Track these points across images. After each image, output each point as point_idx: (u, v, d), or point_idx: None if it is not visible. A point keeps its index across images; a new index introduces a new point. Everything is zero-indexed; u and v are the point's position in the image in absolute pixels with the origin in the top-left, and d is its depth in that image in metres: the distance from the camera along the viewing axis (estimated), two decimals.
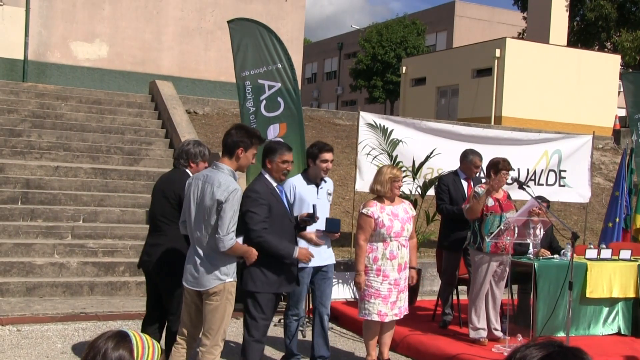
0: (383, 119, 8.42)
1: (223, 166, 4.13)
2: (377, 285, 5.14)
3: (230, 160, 4.17)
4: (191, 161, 4.81)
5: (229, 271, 4.15)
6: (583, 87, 22.81)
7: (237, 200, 4.02)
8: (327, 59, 49.44)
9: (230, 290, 4.17)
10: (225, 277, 4.13)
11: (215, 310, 4.14)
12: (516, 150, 8.71)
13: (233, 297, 4.22)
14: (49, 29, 14.54)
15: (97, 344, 1.92)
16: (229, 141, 4.18)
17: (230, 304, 4.21)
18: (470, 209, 5.85)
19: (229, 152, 4.17)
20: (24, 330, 6.04)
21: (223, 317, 4.16)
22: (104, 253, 8.01)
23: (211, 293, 4.12)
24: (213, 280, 4.10)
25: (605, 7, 28.53)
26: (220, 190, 3.98)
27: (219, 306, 4.14)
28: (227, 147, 4.18)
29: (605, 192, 13.29)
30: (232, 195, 3.97)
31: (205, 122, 13.07)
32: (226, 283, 4.14)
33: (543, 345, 1.61)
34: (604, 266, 6.53)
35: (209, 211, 4.02)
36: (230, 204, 3.97)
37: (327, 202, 5.31)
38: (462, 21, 39.14)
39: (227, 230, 3.98)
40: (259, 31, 7.48)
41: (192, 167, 4.80)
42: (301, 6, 17.02)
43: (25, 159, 9.74)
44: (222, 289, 4.12)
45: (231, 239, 4.01)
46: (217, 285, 4.11)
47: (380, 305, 5.12)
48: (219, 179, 4.04)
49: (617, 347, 6.16)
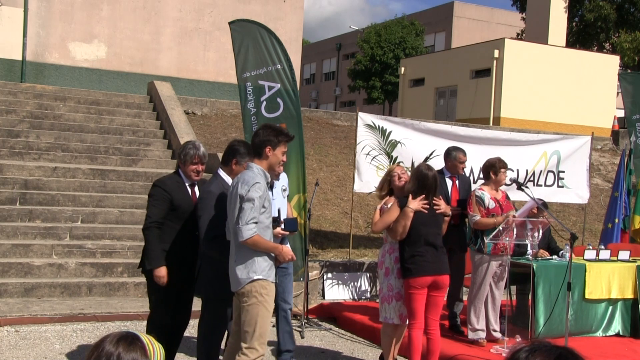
0: (382, 119, 8.42)
1: (253, 165, 4.19)
2: (399, 287, 5.10)
3: (259, 160, 4.21)
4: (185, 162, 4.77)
5: (257, 268, 4.07)
6: (582, 88, 22.82)
7: (257, 193, 3.99)
8: (326, 59, 49.43)
9: (260, 290, 4.07)
10: (253, 275, 4.06)
11: (246, 312, 4.07)
12: (515, 151, 8.71)
13: (267, 297, 4.10)
14: (47, 30, 14.53)
15: (107, 348, 1.86)
16: (256, 141, 4.22)
17: (264, 305, 4.09)
18: (481, 224, 5.86)
19: (257, 152, 4.22)
20: (22, 331, 6.02)
21: (256, 319, 4.05)
22: (102, 254, 8.00)
23: (241, 293, 4.09)
24: (241, 278, 4.07)
25: (604, 7, 28.56)
26: (242, 185, 4.02)
27: (250, 307, 4.06)
28: (255, 146, 4.22)
29: (604, 193, 13.30)
30: (252, 188, 3.98)
31: (203, 122, 13.06)
32: (255, 282, 4.06)
33: (550, 349, 1.60)
34: (603, 267, 6.53)
35: (234, 208, 4.05)
36: (251, 196, 3.96)
37: (282, 199, 5.26)
38: (460, 22, 39.16)
39: (245, 221, 3.95)
40: (259, 32, 7.47)
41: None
42: (299, 7, 17.02)
43: (24, 160, 9.72)
44: (250, 288, 4.05)
45: (250, 229, 3.95)
46: (245, 285, 4.06)
47: (402, 308, 5.09)
48: (244, 176, 4.10)
49: (616, 348, 6.16)
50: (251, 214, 3.97)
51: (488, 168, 6.07)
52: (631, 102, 9.50)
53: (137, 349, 1.88)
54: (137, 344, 1.89)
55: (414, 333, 4.96)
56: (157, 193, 4.67)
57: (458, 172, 6.60)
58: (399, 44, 34.26)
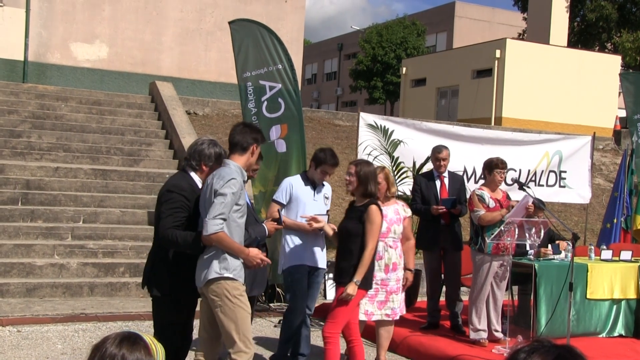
0: (383, 119, 8.42)
1: (230, 162, 3.97)
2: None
3: (240, 156, 4.02)
4: (204, 164, 4.13)
5: (229, 266, 3.84)
6: (583, 88, 22.80)
7: (231, 190, 3.78)
8: (327, 59, 49.44)
9: (233, 292, 3.85)
10: (224, 272, 3.83)
11: (223, 316, 3.85)
12: (517, 151, 8.70)
13: (242, 298, 3.89)
14: (49, 30, 14.54)
15: (110, 350, 1.83)
16: (239, 138, 4.01)
17: (241, 307, 3.87)
18: (486, 218, 5.86)
19: (242, 149, 4.01)
20: (24, 331, 6.03)
21: (235, 322, 3.84)
22: (104, 254, 8.01)
23: (212, 295, 3.85)
24: (208, 273, 3.84)
25: (605, 7, 28.53)
26: (217, 180, 3.82)
27: (226, 310, 3.84)
28: (240, 144, 4.01)
29: (606, 193, 13.28)
30: (227, 183, 3.78)
31: (205, 123, 13.07)
32: (225, 281, 3.83)
33: (548, 349, 1.59)
34: (605, 267, 6.52)
35: (208, 204, 3.83)
36: (224, 191, 3.76)
37: (323, 204, 5.31)
38: (462, 22, 39.14)
39: (213, 215, 3.73)
40: (260, 32, 7.47)
41: (204, 171, 4.13)
42: (301, 7, 17.02)
43: (26, 160, 9.74)
44: (221, 290, 3.83)
45: (216, 224, 3.72)
46: (214, 283, 3.83)
47: (366, 305, 5.11)
48: (221, 172, 3.89)
49: (618, 349, 6.15)
50: (220, 209, 3.74)
51: (484, 168, 6.12)
52: (633, 102, 9.49)
53: (140, 348, 1.86)
54: (140, 343, 1.87)
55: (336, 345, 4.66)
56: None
57: (438, 170, 6.58)
58: (401, 44, 34.25)
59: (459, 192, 6.53)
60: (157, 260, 4.10)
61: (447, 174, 6.64)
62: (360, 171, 4.66)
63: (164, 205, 4.02)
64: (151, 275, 4.11)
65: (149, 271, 4.15)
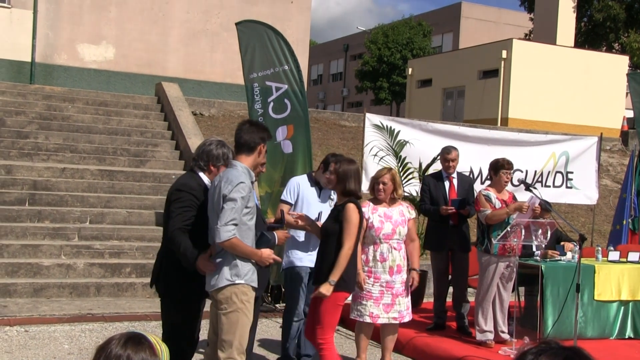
0: (389, 120, 8.42)
1: (237, 163, 3.89)
2: (368, 287, 5.11)
3: (247, 157, 3.94)
4: (211, 164, 4.10)
5: (240, 272, 3.81)
6: (591, 89, 22.70)
7: (240, 194, 3.73)
8: (333, 60, 49.42)
9: (241, 297, 3.82)
10: (235, 279, 3.79)
11: (225, 319, 3.81)
12: (523, 152, 8.68)
13: (248, 304, 3.84)
14: (56, 32, 14.61)
15: (115, 351, 1.82)
16: (247, 137, 3.93)
17: (244, 312, 3.83)
18: (494, 217, 5.84)
19: (249, 149, 3.93)
20: (32, 331, 6.06)
21: (236, 327, 3.80)
22: (110, 254, 8.03)
23: (220, 297, 3.82)
24: (219, 280, 3.80)
25: (613, 7, 28.41)
26: (225, 185, 3.75)
27: (230, 314, 3.80)
28: (248, 144, 3.93)
29: (613, 194, 13.22)
30: (236, 188, 3.72)
31: (211, 123, 13.09)
32: (235, 286, 3.81)
33: (556, 351, 1.58)
34: (612, 268, 6.49)
35: (217, 208, 3.77)
36: (233, 196, 3.70)
37: (327, 206, 5.31)
38: (468, 22, 39.05)
39: (224, 222, 3.68)
40: (266, 33, 7.48)
41: (212, 172, 4.09)
42: (307, 8, 17.04)
43: (33, 161, 9.78)
44: (230, 293, 3.80)
45: (228, 231, 3.68)
46: (225, 288, 3.80)
47: (372, 307, 5.09)
48: (228, 174, 3.82)
49: (626, 351, 6.11)
50: (231, 215, 3.70)
51: (490, 168, 6.11)
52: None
53: (145, 348, 1.85)
54: (144, 343, 1.87)
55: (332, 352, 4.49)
56: None
57: (447, 171, 6.57)
58: (407, 45, 34.21)
59: (468, 193, 6.52)
60: (165, 260, 4.10)
61: (456, 174, 6.64)
62: (340, 168, 4.52)
63: (174, 204, 4.01)
64: (159, 275, 4.10)
65: (157, 271, 4.15)
